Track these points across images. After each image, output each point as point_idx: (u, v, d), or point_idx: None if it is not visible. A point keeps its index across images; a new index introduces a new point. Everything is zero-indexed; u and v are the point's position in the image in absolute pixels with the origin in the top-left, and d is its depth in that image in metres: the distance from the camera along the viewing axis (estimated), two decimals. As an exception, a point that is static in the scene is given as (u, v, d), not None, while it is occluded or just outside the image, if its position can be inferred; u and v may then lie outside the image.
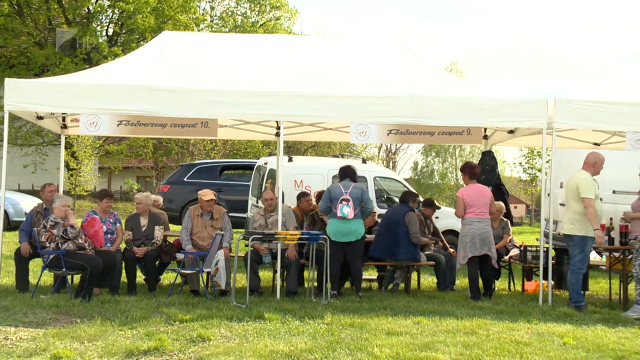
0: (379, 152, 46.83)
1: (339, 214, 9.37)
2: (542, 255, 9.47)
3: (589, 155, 9.35)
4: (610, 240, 9.70)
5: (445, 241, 11.48)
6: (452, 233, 14.65)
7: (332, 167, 13.58)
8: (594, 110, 9.26)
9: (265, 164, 15.16)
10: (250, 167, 17.37)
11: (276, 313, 7.72)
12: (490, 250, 9.65)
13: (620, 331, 7.42)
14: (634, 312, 8.53)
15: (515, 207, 62.15)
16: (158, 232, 9.83)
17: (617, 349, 6.49)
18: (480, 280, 9.70)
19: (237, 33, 29.84)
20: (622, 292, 9.46)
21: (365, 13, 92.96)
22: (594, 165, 9.19)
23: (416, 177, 52.44)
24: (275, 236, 8.86)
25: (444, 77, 11.11)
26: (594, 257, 11.22)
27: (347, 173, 9.82)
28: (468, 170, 10.03)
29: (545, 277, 9.32)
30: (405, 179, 26.71)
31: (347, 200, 9.37)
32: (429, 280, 11.50)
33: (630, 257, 9.12)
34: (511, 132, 10.78)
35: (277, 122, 10.09)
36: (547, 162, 11.84)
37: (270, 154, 16.23)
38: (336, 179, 10.20)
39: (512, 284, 11.22)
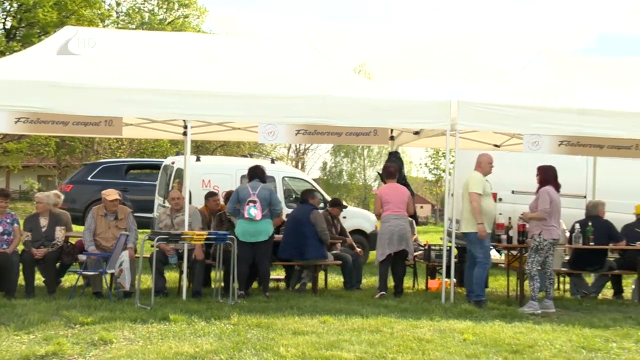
0: (288, 152, 46.97)
1: (246, 215, 9.34)
2: (445, 254, 9.73)
3: (478, 156, 9.74)
4: (509, 239, 10.04)
5: (352, 240, 11.60)
6: (359, 233, 14.89)
7: (240, 167, 13.53)
8: (495, 113, 9.59)
9: (173, 163, 14.94)
10: (157, 167, 17.08)
11: (182, 314, 7.62)
12: (408, 246, 10.01)
13: (516, 326, 7.70)
14: (529, 307, 8.90)
15: (422, 207, 63.58)
16: (59, 232, 9.52)
17: (512, 343, 6.74)
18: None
19: (144, 30, 29.28)
20: (519, 289, 9.83)
21: (274, 13, 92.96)
22: (480, 165, 9.58)
23: (325, 177, 52.85)
24: (182, 236, 8.74)
25: (352, 78, 11.26)
26: (494, 255, 11.62)
27: (255, 173, 9.81)
28: (384, 171, 10.51)
29: (448, 276, 9.58)
30: (314, 179, 26.88)
31: (255, 202, 9.35)
32: (336, 280, 11.61)
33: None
34: (416, 133, 11.02)
35: (184, 121, 9.94)
36: (451, 162, 12.18)
37: (177, 154, 16.01)
38: (245, 179, 10.17)
39: (416, 282, 11.47)
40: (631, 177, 14.36)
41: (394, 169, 10.55)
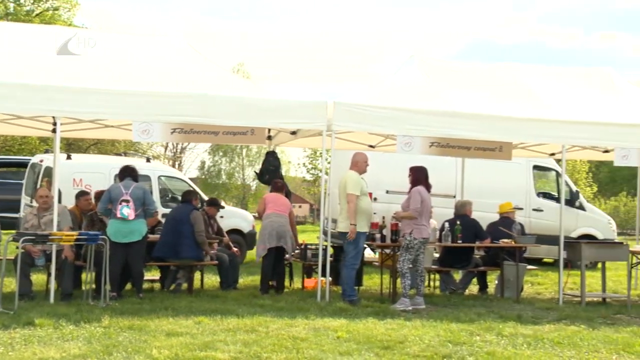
0: (165, 151, 46.06)
1: (118, 215, 9.09)
2: (320, 252, 9.86)
3: (354, 155, 9.95)
4: (383, 238, 10.30)
5: (229, 240, 11.53)
6: (236, 232, 14.84)
7: (114, 165, 13.13)
8: (369, 114, 9.81)
9: (41, 161, 14.33)
10: (24, 165, 16.30)
11: (48, 318, 7.31)
12: (286, 243, 10.16)
13: (388, 323, 7.92)
14: (401, 304, 9.17)
15: (300, 207, 64.11)
16: None
17: (384, 339, 6.92)
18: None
19: (8, 22, 27.78)
20: (391, 286, 10.11)
21: (150, 9, 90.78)
22: (356, 164, 9.78)
23: (203, 177, 52.28)
24: (50, 237, 8.39)
25: (230, 78, 11.21)
26: (368, 254, 11.89)
27: (127, 172, 9.57)
28: (271, 185, 10.84)
29: (324, 274, 9.72)
30: (192, 179, 26.56)
31: (128, 201, 9.12)
32: (212, 280, 11.51)
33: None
34: (294, 133, 11.10)
35: (53, 117, 9.54)
36: (328, 162, 12.36)
37: (46, 151, 15.37)
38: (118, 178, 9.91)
39: (292, 281, 11.55)
40: (496, 177, 15.13)
41: (281, 184, 10.81)
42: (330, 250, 10.14)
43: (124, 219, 9.11)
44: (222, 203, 13.00)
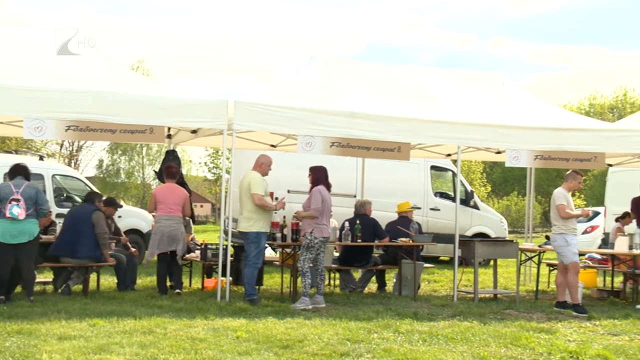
0: (60, 149, 44.49)
1: (8, 215, 8.71)
2: (221, 252, 9.78)
3: (259, 156, 9.95)
4: (283, 237, 10.32)
5: (127, 240, 11.27)
6: (135, 232, 14.52)
7: (4, 163, 12.53)
8: (271, 114, 9.80)
9: None
10: None
11: None
12: (178, 247, 9.99)
13: (288, 322, 7.94)
14: (301, 303, 9.22)
15: (201, 206, 63.46)
16: None
17: (283, 338, 6.93)
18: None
19: None
20: (292, 285, 10.15)
21: (42, 2, 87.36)
22: (261, 166, 9.80)
23: (101, 175, 50.81)
24: None
25: (128, 75, 10.96)
26: (269, 253, 11.89)
27: (18, 171, 9.18)
28: (165, 170, 10.47)
29: (224, 274, 9.65)
30: (90, 178, 25.79)
31: (18, 200, 8.75)
32: (109, 281, 11.21)
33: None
34: (194, 132, 10.96)
35: (-64, 112, 9.06)
36: (229, 161, 12.27)
37: None
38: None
39: (191, 281, 11.41)
40: (395, 177, 15.47)
41: (175, 169, 10.53)
42: (230, 250, 10.07)
43: (14, 219, 8.73)
44: (121, 202, 12.70)
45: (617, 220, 13.17)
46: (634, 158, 12.74)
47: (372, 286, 11.86)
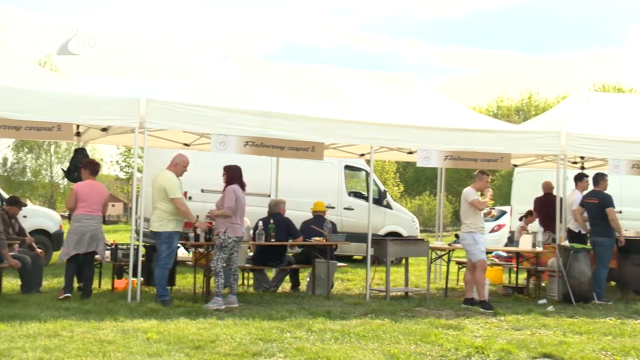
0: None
1: None
2: (132, 252, 9.59)
3: (175, 156, 9.82)
4: (197, 237, 10.22)
5: (33, 240, 10.88)
6: (41, 232, 14.05)
7: None
8: (184, 113, 9.68)
9: None
10: None
11: None
12: (99, 247, 9.71)
13: (200, 322, 7.85)
14: (214, 303, 9.14)
15: (113, 206, 61.96)
16: None
17: (195, 339, 6.85)
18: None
19: None
20: (205, 285, 10.05)
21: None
22: (176, 165, 9.68)
23: (6, 174, 48.90)
24: None
25: (34, 70, 10.62)
26: (182, 253, 11.75)
27: None
28: (89, 166, 10.08)
29: (135, 275, 9.46)
30: (-7, 176, 24.77)
31: None
32: (12, 283, 10.81)
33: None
34: (105, 129, 10.70)
35: None
36: (141, 159, 12.06)
37: None
38: None
39: (101, 282, 11.14)
40: (309, 177, 15.54)
41: (99, 167, 10.32)
42: (142, 250, 9.89)
43: None
44: (27, 202, 12.28)
45: (521, 219, 13.67)
46: (537, 159, 13.25)
47: (286, 285, 11.88)
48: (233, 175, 9.67)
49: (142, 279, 9.64)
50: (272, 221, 10.99)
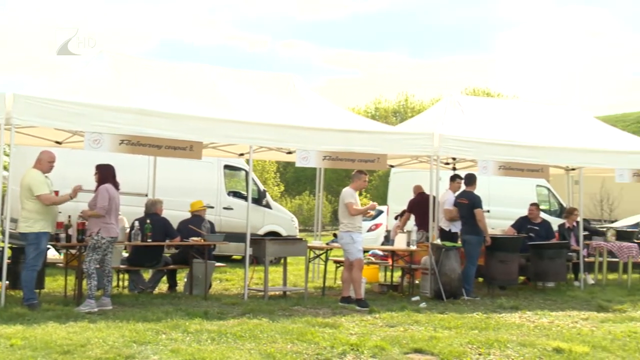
0: None
1: None
2: (-3, 255, 9.12)
3: (40, 153, 9.46)
4: (68, 238, 9.84)
5: None
6: None
7: None
8: (55, 109, 9.31)
9: None
10: None
11: None
12: None
13: (70, 326, 7.58)
14: (86, 306, 8.86)
15: (-21, 206, 58.62)
16: None
17: (64, 344, 6.60)
18: None
19: None
20: (77, 288, 9.70)
21: None
22: (40, 162, 9.34)
23: None
24: None
25: None
26: (52, 254, 11.30)
27: None
28: None
29: (0, 278, 9.01)
30: None
31: None
32: None
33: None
34: (-33, 125, 10.10)
35: None
36: (7, 156, 11.50)
37: None
38: None
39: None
40: (187, 176, 15.33)
41: None
42: (8, 252, 9.43)
43: None
44: None
45: (396, 218, 14.06)
46: (412, 160, 13.67)
47: (163, 286, 11.67)
48: (106, 174, 9.43)
49: (7, 282, 9.18)
50: (148, 221, 10.77)
